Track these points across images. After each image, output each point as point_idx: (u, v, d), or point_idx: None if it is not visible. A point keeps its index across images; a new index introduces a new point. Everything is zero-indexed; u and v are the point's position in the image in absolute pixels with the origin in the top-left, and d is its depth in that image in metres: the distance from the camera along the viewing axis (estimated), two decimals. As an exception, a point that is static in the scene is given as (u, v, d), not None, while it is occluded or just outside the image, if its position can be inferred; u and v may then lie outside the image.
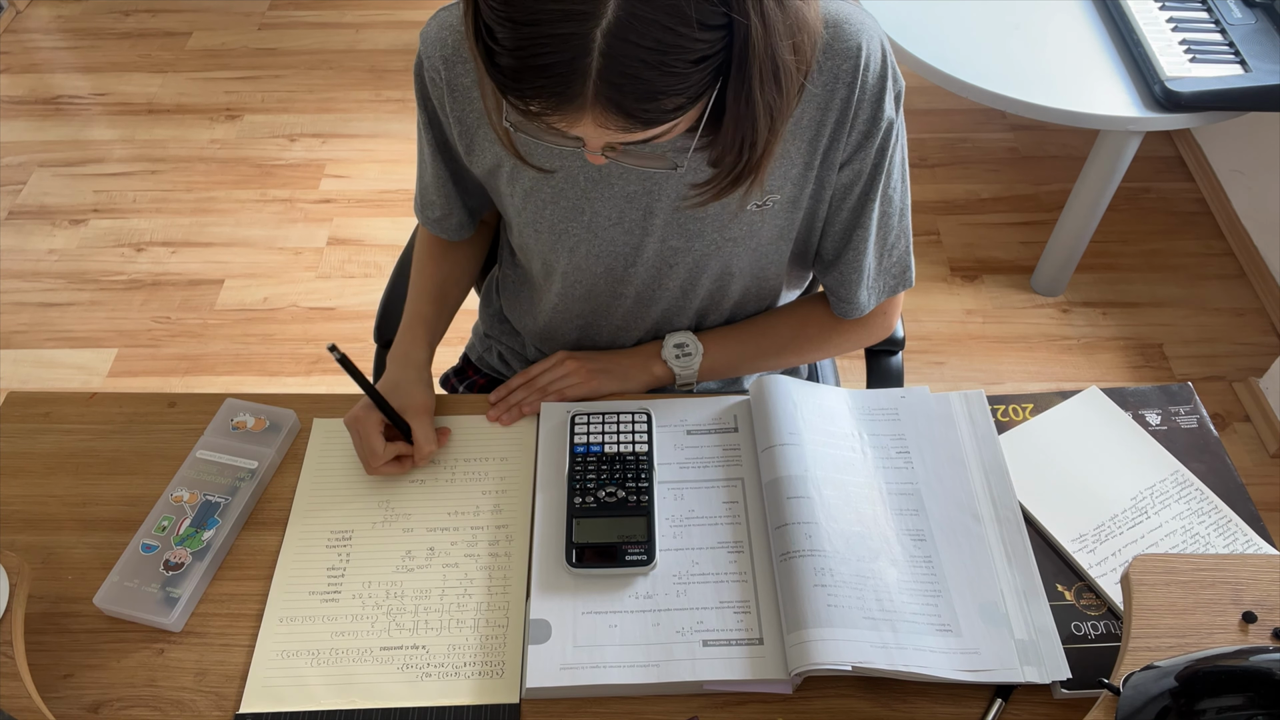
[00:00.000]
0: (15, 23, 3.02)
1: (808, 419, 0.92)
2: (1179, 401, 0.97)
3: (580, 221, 0.93)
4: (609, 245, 0.95)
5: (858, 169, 0.89)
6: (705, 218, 0.91)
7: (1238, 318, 2.18)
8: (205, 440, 0.94)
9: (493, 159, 0.93)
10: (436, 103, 0.93)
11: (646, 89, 0.63)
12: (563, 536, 0.87)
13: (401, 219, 2.39)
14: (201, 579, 0.85)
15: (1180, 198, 2.45)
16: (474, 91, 0.89)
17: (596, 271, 0.98)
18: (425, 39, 0.89)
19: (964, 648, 0.78)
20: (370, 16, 3.03)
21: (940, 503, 0.88)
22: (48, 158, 2.57)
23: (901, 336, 1.15)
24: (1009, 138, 2.59)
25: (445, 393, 1.20)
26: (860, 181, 0.90)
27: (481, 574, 0.86)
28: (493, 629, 0.83)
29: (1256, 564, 0.77)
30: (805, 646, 0.76)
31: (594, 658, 0.79)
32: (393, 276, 1.26)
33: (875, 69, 0.83)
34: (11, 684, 0.74)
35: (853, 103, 0.84)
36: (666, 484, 0.91)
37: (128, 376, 2.06)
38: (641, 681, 0.78)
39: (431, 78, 0.90)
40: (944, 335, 2.14)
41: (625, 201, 0.91)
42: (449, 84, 0.89)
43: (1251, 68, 1.76)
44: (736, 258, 0.95)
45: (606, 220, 0.92)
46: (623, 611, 0.82)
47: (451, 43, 0.87)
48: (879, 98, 0.84)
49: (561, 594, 0.83)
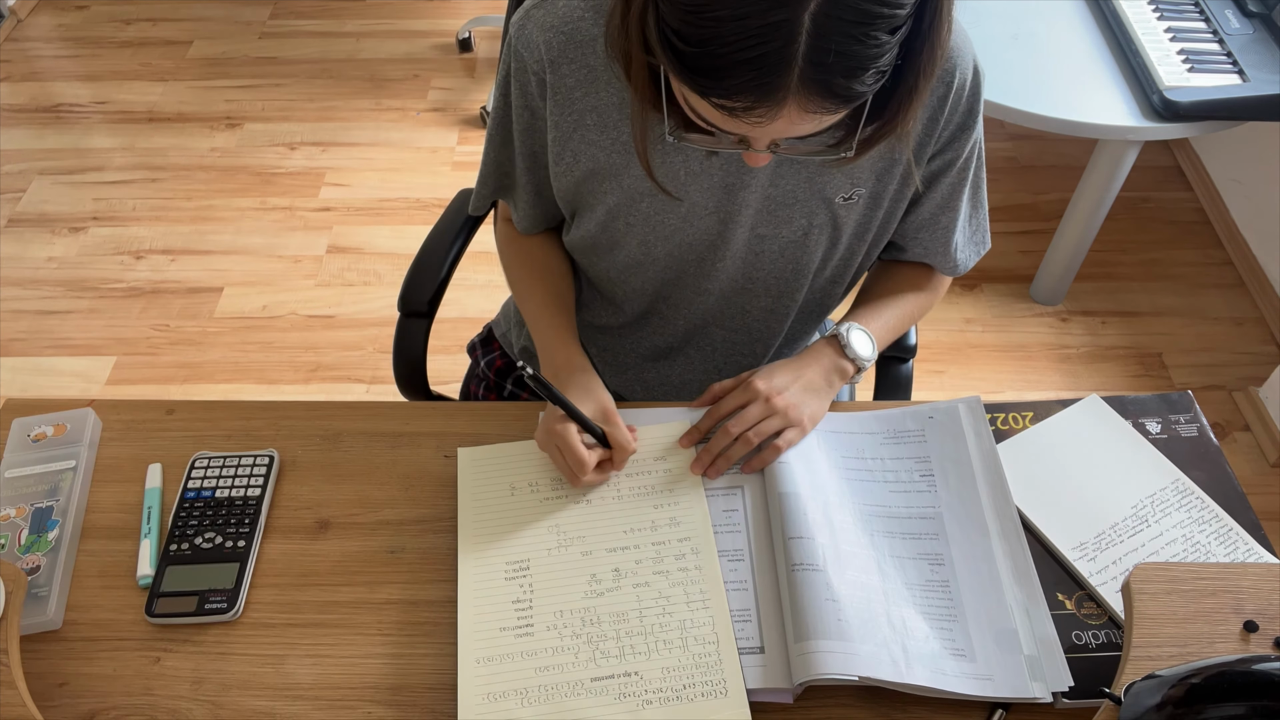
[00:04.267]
0: (16, 31, 3.03)
1: (824, 442, 0.92)
2: (1179, 410, 0.97)
3: (677, 212, 0.93)
4: (703, 234, 0.95)
5: (950, 158, 0.92)
6: (795, 204, 0.92)
7: (1237, 327, 2.18)
8: (8, 461, 0.93)
9: (589, 161, 0.91)
10: (530, 111, 0.92)
11: (851, 64, 0.63)
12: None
13: (402, 227, 2.39)
14: (64, 573, 0.85)
15: (1179, 207, 2.45)
16: (576, 93, 0.88)
17: (689, 259, 0.98)
18: (524, 43, 0.87)
19: (978, 674, 0.78)
20: (370, 26, 3.04)
21: (960, 526, 0.87)
22: (48, 165, 2.57)
23: (913, 344, 1.15)
24: (1008, 147, 2.59)
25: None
26: (953, 170, 0.94)
27: (676, 590, 0.83)
28: (703, 646, 0.79)
29: (1258, 573, 0.77)
30: (812, 657, 0.75)
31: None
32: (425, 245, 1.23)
33: (970, 71, 0.88)
34: (8, 692, 0.74)
35: (947, 102, 0.87)
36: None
37: (126, 384, 2.05)
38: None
39: (533, 82, 0.89)
40: (943, 344, 2.14)
41: (722, 191, 0.91)
42: (553, 87, 0.88)
43: (1249, 77, 1.76)
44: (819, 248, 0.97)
45: (703, 209, 0.92)
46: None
47: (558, 44, 0.86)
48: (975, 97, 0.89)
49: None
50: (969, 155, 0.94)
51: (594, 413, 0.89)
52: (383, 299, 2.23)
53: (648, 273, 1.00)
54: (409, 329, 1.20)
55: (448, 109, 2.74)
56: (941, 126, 0.89)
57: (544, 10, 0.86)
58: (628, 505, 0.89)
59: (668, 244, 0.96)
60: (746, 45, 0.61)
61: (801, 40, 0.61)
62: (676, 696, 0.77)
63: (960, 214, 0.98)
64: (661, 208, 0.93)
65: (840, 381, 0.96)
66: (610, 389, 1.09)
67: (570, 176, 0.93)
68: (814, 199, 0.92)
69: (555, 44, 0.86)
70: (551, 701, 0.77)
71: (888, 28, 0.63)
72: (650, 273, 1.00)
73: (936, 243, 1.00)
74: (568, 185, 0.95)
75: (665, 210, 0.93)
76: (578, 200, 0.97)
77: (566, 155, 0.92)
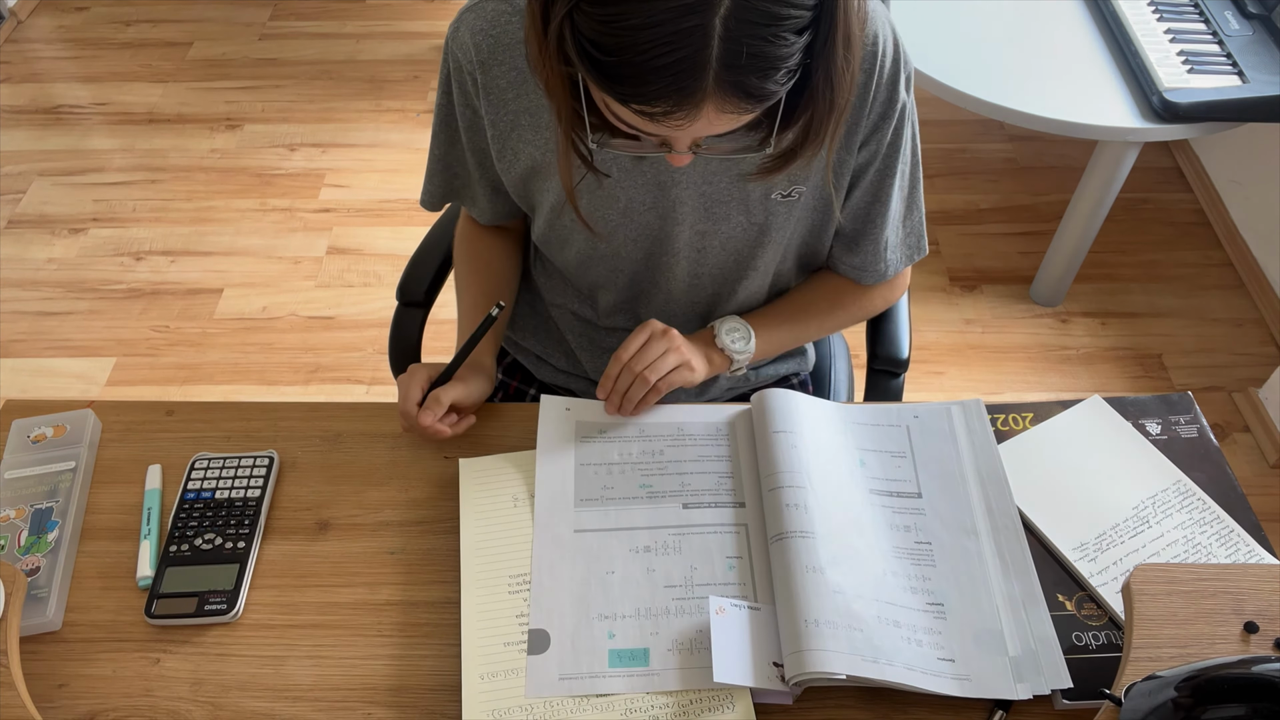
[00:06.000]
0: (16, 32, 3.03)
1: (812, 434, 0.92)
2: (1179, 411, 0.97)
3: (615, 208, 0.95)
4: (645, 230, 0.97)
5: (874, 149, 0.92)
6: (730, 201, 0.93)
7: (1237, 328, 2.18)
8: (8, 462, 0.93)
9: (528, 160, 0.93)
10: (471, 110, 0.94)
11: (763, 64, 0.65)
12: (564, 544, 0.86)
13: (401, 228, 2.39)
14: (63, 574, 0.85)
15: (1179, 208, 2.45)
16: (509, 94, 0.90)
17: (637, 258, 1.00)
18: (459, 45, 0.90)
19: (956, 673, 0.78)
20: (370, 27, 3.04)
21: (945, 525, 0.88)
22: (48, 167, 2.57)
23: (905, 358, 1.15)
24: (1007, 148, 2.59)
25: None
26: (877, 161, 0.94)
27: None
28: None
29: (1258, 574, 0.77)
30: (801, 655, 0.76)
31: (593, 666, 0.79)
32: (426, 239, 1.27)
33: (890, 55, 0.87)
34: (7, 694, 0.74)
35: (870, 88, 0.87)
36: (665, 493, 0.91)
37: (126, 385, 2.05)
38: (641, 691, 0.77)
39: (469, 82, 0.91)
40: (943, 345, 2.14)
41: (657, 189, 0.93)
42: (485, 88, 0.90)
43: (1249, 78, 1.77)
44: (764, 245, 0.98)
45: (640, 205, 0.94)
46: (622, 617, 0.82)
47: (487, 46, 0.88)
48: (894, 82, 0.88)
49: (560, 601, 0.83)
50: (894, 145, 0.93)
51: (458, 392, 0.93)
52: (382, 300, 2.23)
53: (601, 268, 1.03)
54: (405, 318, 1.23)
55: (448, 110, 2.74)
56: (866, 114, 0.89)
57: (474, 14, 0.88)
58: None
59: (612, 241, 0.98)
60: (662, 51, 0.63)
61: (714, 44, 0.63)
62: (684, 711, 0.76)
63: (891, 208, 0.98)
64: (600, 204, 0.94)
65: (708, 368, 0.99)
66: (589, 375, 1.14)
67: (512, 173, 0.96)
68: (749, 196, 0.93)
69: (485, 46, 0.88)
70: (557, 718, 0.77)
71: (794, 28, 0.65)
72: (604, 268, 1.03)
73: (865, 239, 1.00)
74: (513, 181, 0.97)
75: (604, 206, 0.95)
76: (527, 196, 0.99)
77: (507, 153, 0.94)
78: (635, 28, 0.62)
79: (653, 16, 0.62)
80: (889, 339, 1.15)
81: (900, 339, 1.15)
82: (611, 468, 0.92)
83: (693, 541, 0.87)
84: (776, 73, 0.66)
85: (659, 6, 0.62)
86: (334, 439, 0.97)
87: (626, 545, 0.87)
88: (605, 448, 0.94)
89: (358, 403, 1.02)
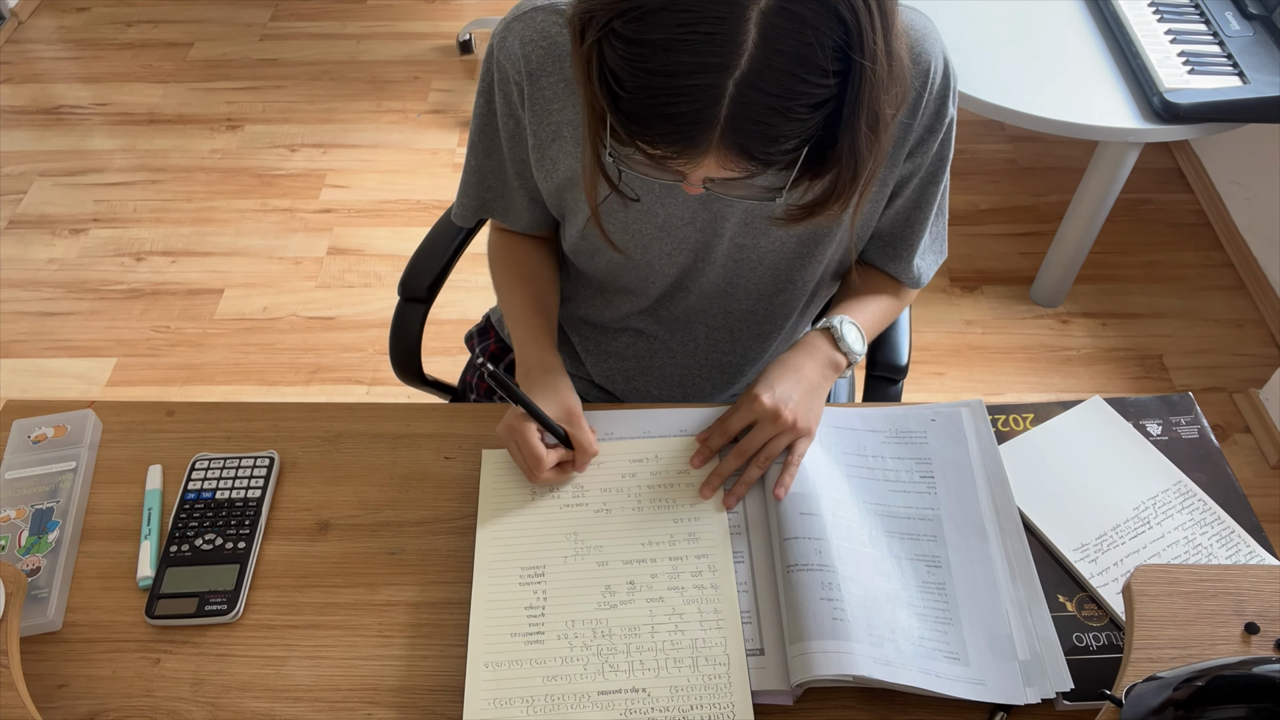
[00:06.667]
0: (17, 33, 3.03)
1: (825, 438, 0.92)
2: (1180, 412, 0.97)
3: (654, 223, 0.94)
4: (682, 244, 0.96)
5: (919, 161, 0.93)
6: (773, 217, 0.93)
7: (1237, 329, 2.18)
8: (9, 462, 0.93)
9: (565, 171, 0.93)
10: (515, 120, 0.93)
11: (771, 133, 0.66)
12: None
13: (402, 228, 2.39)
14: (64, 574, 0.85)
15: (1179, 209, 2.45)
16: (554, 105, 0.89)
17: (670, 271, 0.99)
18: (507, 55, 0.89)
19: (971, 677, 0.78)
20: (371, 28, 3.04)
21: (959, 529, 0.87)
22: (48, 167, 2.57)
23: (904, 364, 1.14)
24: (1008, 149, 2.59)
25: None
26: (921, 172, 0.94)
27: (690, 608, 0.82)
28: (714, 667, 0.78)
29: (1259, 575, 0.77)
30: (808, 658, 0.76)
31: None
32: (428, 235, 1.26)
33: (940, 74, 0.88)
34: (8, 694, 0.74)
35: (921, 104, 0.88)
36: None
37: (127, 386, 2.05)
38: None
39: (515, 92, 0.90)
40: (944, 346, 2.14)
41: (699, 203, 0.92)
42: (531, 98, 0.90)
43: (1250, 79, 1.76)
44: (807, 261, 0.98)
45: (680, 220, 0.94)
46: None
47: (536, 57, 0.87)
48: (943, 98, 0.89)
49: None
50: (940, 157, 0.94)
51: (558, 413, 0.90)
52: (383, 301, 2.23)
53: (631, 276, 1.02)
54: (407, 314, 1.23)
55: (448, 111, 2.74)
56: (917, 124, 0.89)
57: (524, 23, 0.88)
58: (647, 517, 0.89)
59: (646, 253, 0.97)
60: (672, 101, 0.64)
61: (724, 104, 0.64)
62: (683, 717, 0.76)
63: (930, 216, 0.99)
64: (639, 217, 0.94)
65: (834, 374, 0.96)
66: (593, 378, 1.11)
67: (550, 183, 0.95)
68: None
69: (535, 56, 0.87)
70: (557, 712, 0.76)
71: (809, 102, 0.66)
72: (635, 277, 1.01)
73: (902, 246, 1.00)
74: (549, 191, 0.96)
75: (642, 220, 0.94)
76: (561, 205, 0.98)
77: (545, 163, 0.93)
78: (652, 72, 0.63)
79: (670, 66, 0.63)
80: (888, 345, 1.15)
81: (900, 346, 1.15)
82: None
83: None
84: (784, 141, 0.67)
85: (679, 59, 0.63)
86: (334, 439, 0.97)
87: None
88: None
89: (358, 403, 1.02)
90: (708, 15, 0.62)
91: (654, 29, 0.63)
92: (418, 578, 0.87)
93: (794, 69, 0.64)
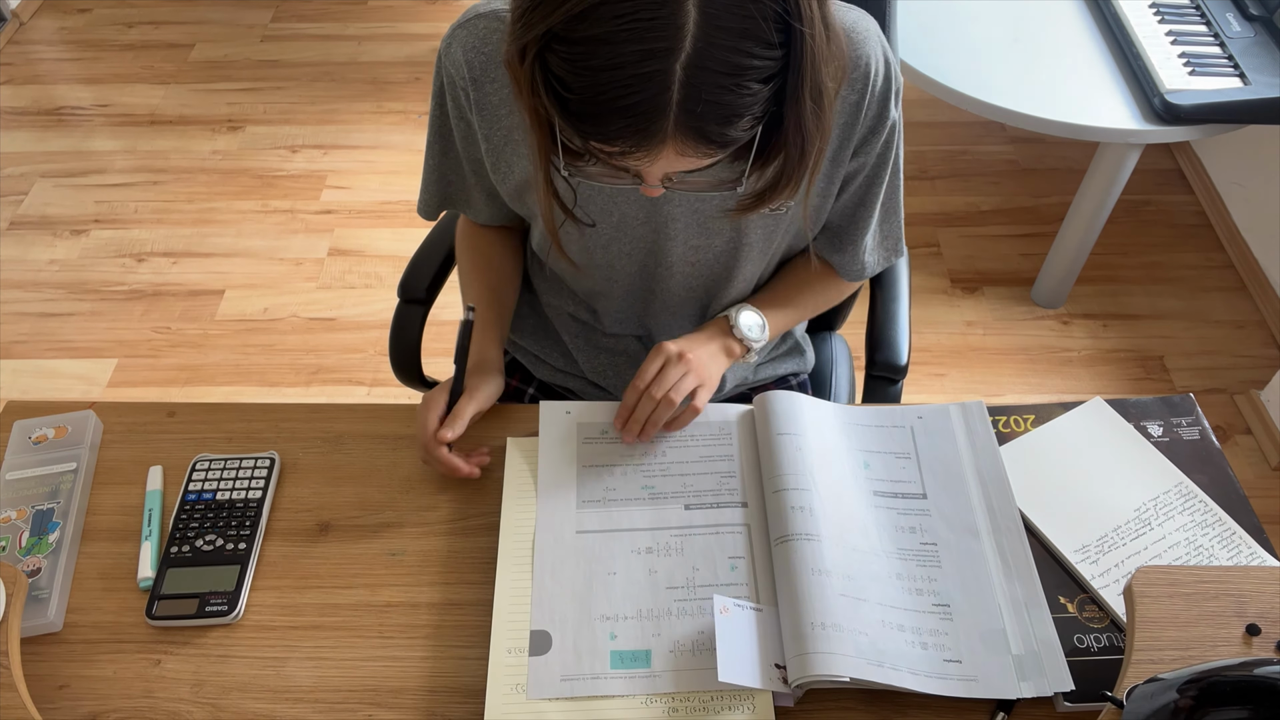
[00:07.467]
0: (19, 34, 3.03)
1: (816, 435, 0.92)
2: (1181, 413, 0.97)
3: (609, 222, 0.95)
4: (639, 243, 0.97)
5: (863, 160, 0.94)
6: (723, 217, 0.94)
7: (1238, 330, 2.18)
8: (9, 463, 0.93)
9: (520, 174, 0.94)
10: (466, 123, 0.94)
11: (724, 112, 0.66)
12: (566, 545, 0.86)
13: (402, 229, 2.40)
14: (64, 575, 0.85)
15: (1180, 210, 2.45)
16: (501, 110, 0.90)
17: (631, 270, 1.01)
18: (451, 62, 0.90)
19: (963, 674, 0.78)
20: (372, 29, 3.04)
21: (950, 526, 0.88)
22: (50, 168, 2.57)
23: (904, 364, 1.14)
24: (1009, 150, 2.59)
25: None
26: (864, 172, 0.95)
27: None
28: None
29: (1260, 576, 0.77)
30: (805, 659, 0.76)
31: (594, 667, 0.79)
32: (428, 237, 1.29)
33: (881, 75, 0.88)
34: (8, 695, 0.74)
35: (862, 107, 0.88)
36: (667, 494, 0.91)
37: (128, 386, 2.06)
38: (642, 693, 0.77)
39: (463, 97, 0.92)
40: (944, 347, 2.14)
41: (650, 204, 0.93)
42: (478, 104, 0.91)
43: (1250, 80, 1.76)
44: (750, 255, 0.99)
45: (634, 220, 0.95)
46: (624, 619, 0.82)
47: (479, 64, 0.88)
48: (885, 100, 0.89)
49: (562, 603, 0.83)
50: (882, 157, 0.94)
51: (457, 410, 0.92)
52: (384, 301, 2.23)
53: (597, 276, 1.03)
54: (407, 315, 1.24)
55: (449, 112, 2.74)
56: (857, 129, 0.90)
57: (467, 30, 0.89)
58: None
59: (606, 252, 0.99)
60: (622, 94, 0.64)
61: (675, 89, 0.64)
62: (704, 707, 0.77)
63: (874, 214, 1.00)
64: (595, 214, 0.95)
65: (728, 358, 1.00)
66: (586, 375, 1.14)
67: (507, 185, 0.96)
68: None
69: (477, 64, 0.88)
70: (578, 699, 0.77)
71: (756, 77, 0.65)
72: (600, 276, 1.03)
73: (846, 240, 1.02)
74: (509, 193, 0.98)
75: (599, 216, 0.95)
76: (523, 207, 1.00)
77: (501, 166, 0.95)
78: (597, 69, 0.63)
79: (615, 59, 0.63)
80: (888, 345, 1.15)
81: (899, 346, 1.15)
82: (614, 469, 0.93)
83: (695, 543, 0.87)
84: (738, 120, 0.67)
85: (622, 50, 0.62)
86: (335, 440, 0.97)
87: (628, 546, 0.87)
88: (607, 449, 0.94)
89: (359, 404, 1.02)
90: (645, 3, 0.62)
91: (594, 25, 0.62)
92: (418, 579, 0.87)
93: (738, 44, 0.63)
